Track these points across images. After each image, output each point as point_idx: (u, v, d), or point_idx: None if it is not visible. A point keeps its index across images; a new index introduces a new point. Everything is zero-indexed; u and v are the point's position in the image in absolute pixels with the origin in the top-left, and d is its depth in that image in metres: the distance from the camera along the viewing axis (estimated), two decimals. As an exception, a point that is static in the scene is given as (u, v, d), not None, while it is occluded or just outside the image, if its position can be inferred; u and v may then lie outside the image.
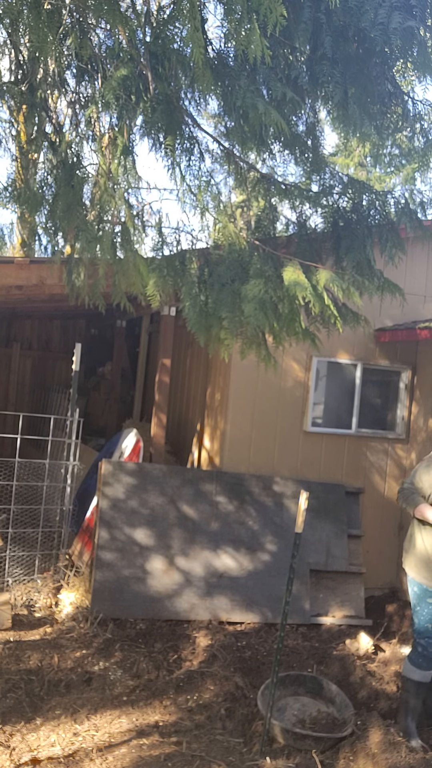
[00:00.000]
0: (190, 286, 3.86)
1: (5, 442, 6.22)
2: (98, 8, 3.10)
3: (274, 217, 4.67)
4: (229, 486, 5.58)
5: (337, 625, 5.42)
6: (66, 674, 4.14)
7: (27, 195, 3.97)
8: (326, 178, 4.52)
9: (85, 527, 6.16)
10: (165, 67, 3.39)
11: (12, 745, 3.40)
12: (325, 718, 3.80)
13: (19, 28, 3.34)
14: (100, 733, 3.59)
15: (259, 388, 6.07)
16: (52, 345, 10.70)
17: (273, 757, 3.46)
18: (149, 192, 17.20)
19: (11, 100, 3.88)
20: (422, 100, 4.11)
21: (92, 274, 4.28)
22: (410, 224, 4.46)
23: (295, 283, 3.57)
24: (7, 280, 5.45)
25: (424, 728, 3.90)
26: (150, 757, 3.40)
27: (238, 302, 3.73)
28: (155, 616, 5.06)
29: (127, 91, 3.34)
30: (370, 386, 6.48)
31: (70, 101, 3.89)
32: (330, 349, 6.16)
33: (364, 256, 4.32)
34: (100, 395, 9.80)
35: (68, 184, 3.74)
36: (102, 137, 3.68)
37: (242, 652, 4.77)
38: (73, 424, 5.74)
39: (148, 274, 3.82)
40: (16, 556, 5.52)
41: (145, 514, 5.29)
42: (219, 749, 3.54)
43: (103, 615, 4.89)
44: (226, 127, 4.05)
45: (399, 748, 3.48)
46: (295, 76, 3.62)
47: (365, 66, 3.62)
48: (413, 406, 6.46)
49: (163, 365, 6.17)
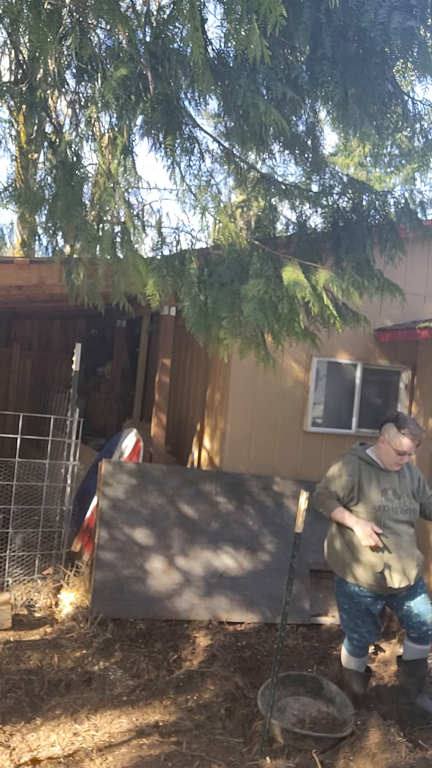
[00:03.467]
0: (189, 286, 3.86)
1: (5, 442, 6.22)
2: (98, 8, 3.10)
3: (274, 217, 4.67)
4: (229, 486, 5.58)
5: (337, 625, 5.42)
6: (66, 674, 4.14)
7: (27, 195, 3.97)
8: (326, 178, 4.52)
9: (85, 527, 6.16)
10: (165, 67, 3.39)
11: (12, 745, 3.40)
12: (325, 718, 3.80)
13: (19, 28, 3.34)
14: (100, 733, 3.59)
15: (259, 388, 6.07)
16: (52, 345, 10.70)
17: (273, 757, 3.46)
18: (149, 192, 17.23)
19: (11, 100, 3.87)
20: (422, 100, 4.11)
21: (92, 274, 4.28)
22: (410, 224, 4.45)
23: (294, 283, 3.57)
24: (7, 280, 5.45)
25: (416, 728, 3.89)
26: (150, 757, 3.40)
27: (237, 302, 3.73)
28: (155, 616, 5.06)
29: (126, 91, 3.34)
30: (370, 386, 6.48)
31: (69, 101, 3.88)
32: (330, 349, 6.16)
33: (363, 256, 4.33)
34: (100, 395, 9.80)
35: (68, 184, 3.74)
36: (102, 137, 3.68)
37: (242, 652, 4.77)
38: (73, 424, 5.74)
39: (148, 274, 3.82)
40: (16, 556, 5.52)
41: (145, 514, 5.29)
42: (219, 749, 3.54)
43: (103, 615, 4.89)
44: (226, 127, 4.05)
45: (399, 748, 3.48)
46: (295, 76, 3.62)
47: (365, 66, 3.62)
48: (413, 406, 6.45)
49: (163, 365, 6.17)
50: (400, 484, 3.92)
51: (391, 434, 3.83)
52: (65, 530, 5.70)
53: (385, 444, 3.86)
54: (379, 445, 3.92)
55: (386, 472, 3.90)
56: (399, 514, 3.86)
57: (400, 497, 3.89)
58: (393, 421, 3.84)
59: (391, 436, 3.83)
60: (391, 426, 3.83)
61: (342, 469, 3.91)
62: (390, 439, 3.83)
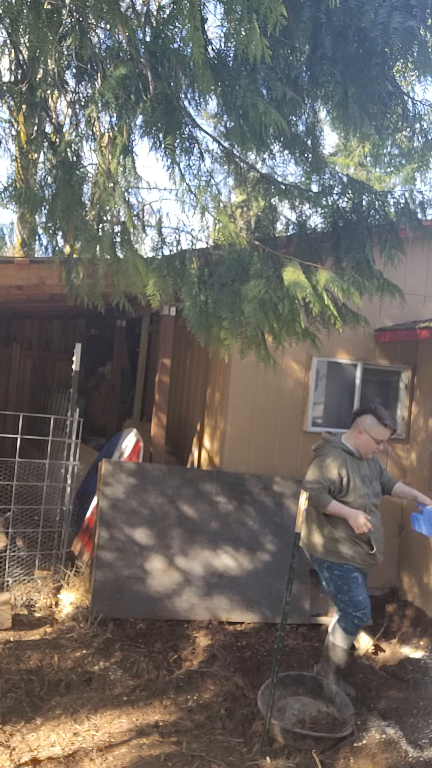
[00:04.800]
0: (190, 286, 3.86)
1: (5, 442, 6.21)
2: (98, 8, 3.10)
3: (274, 217, 4.67)
4: (229, 486, 5.58)
5: (337, 625, 5.42)
6: (66, 674, 4.14)
7: (27, 195, 3.97)
8: (326, 178, 4.52)
9: (85, 527, 6.16)
10: (165, 67, 3.39)
11: (12, 745, 3.40)
12: (325, 718, 3.80)
13: (19, 28, 3.33)
14: (100, 733, 3.59)
15: (259, 388, 6.07)
16: (52, 345, 10.70)
17: (273, 757, 3.46)
18: (149, 192, 17.23)
19: (11, 100, 3.87)
20: (422, 100, 4.12)
21: (92, 273, 4.28)
22: (410, 224, 4.46)
23: (295, 284, 3.57)
24: (7, 280, 5.44)
25: (417, 727, 3.89)
26: (150, 757, 3.40)
27: (238, 302, 3.73)
28: (155, 616, 5.06)
29: (126, 91, 3.34)
30: (370, 386, 6.48)
31: (69, 101, 3.88)
32: (330, 349, 6.16)
33: (363, 257, 4.33)
34: (100, 395, 9.79)
35: (68, 183, 3.74)
36: (102, 137, 3.68)
37: (242, 652, 4.77)
38: (73, 424, 5.74)
39: (148, 274, 3.82)
40: (16, 556, 5.52)
41: (145, 514, 5.29)
42: (219, 749, 3.54)
43: (103, 615, 4.89)
44: (226, 127, 4.05)
45: (399, 748, 3.48)
46: (295, 76, 3.62)
47: (365, 66, 3.62)
48: (413, 406, 6.46)
49: (163, 365, 6.17)
50: (370, 471, 4.29)
51: (369, 425, 4.16)
52: (65, 530, 5.70)
53: (364, 434, 4.17)
54: (357, 435, 4.20)
55: (361, 460, 4.22)
56: (374, 499, 4.24)
57: (372, 483, 4.25)
58: (372, 413, 4.17)
59: (369, 427, 4.16)
60: (371, 417, 4.17)
61: (332, 462, 4.10)
62: (370, 430, 4.15)
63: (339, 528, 4.10)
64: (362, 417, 4.21)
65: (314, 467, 4.16)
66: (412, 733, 3.79)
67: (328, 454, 4.15)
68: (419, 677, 4.59)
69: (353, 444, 4.22)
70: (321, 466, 4.11)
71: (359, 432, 4.19)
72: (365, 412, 4.22)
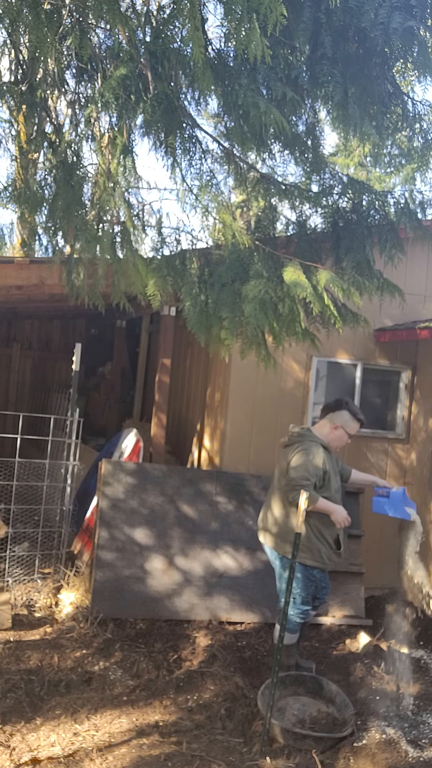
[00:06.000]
0: (190, 286, 3.86)
1: (5, 442, 6.21)
2: (98, 8, 3.10)
3: (274, 217, 4.67)
4: (229, 486, 5.58)
5: (337, 625, 5.42)
6: (66, 674, 4.14)
7: (27, 195, 3.97)
8: (326, 178, 4.52)
9: (85, 527, 6.16)
10: (165, 67, 3.39)
11: (12, 745, 3.40)
12: (325, 718, 3.80)
13: (19, 28, 3.33)
14: (100, 733, 3.59)
15: (259, 388, 6.07)
16: (52, 345, 10.69)
17: (273, 757, 3.46)
18: (149, 192, 17.23)
19: (11, 100, 3.87)
20: (422, 100, 4.12)
21: (92, 274, 4.28)
22: (410, 224, 4.46)
23: (295, 284, 3.57)
24: (7, 280, 5.44)
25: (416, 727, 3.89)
26: (150, 757, 3.40)
27: (238, 302, 3.73)
28: (155, 616, 5.06)
29: (126, 91, 3.34)
30: (370, 386, 6.48)
31: (69, 101, 3.88)
32: (330, 349, 6.16)
33: (363, 257, 4.33)
34: (100, 395, 9.79)
35: (68, 183, 3.74)
36: (102, 137, 3.68)
37: (242, 651, 4.77)
38: (73, 424, 5.74)
39: (148, 274, 3.82)
40: (16, 556, 5.52)
41: (144, 514, 5.29)
42: (219, 749, 3.54)
43: (103, 615, 4.89)
44: (226, 127, 4.05)
45: (399, 748, 3.48)
46: (295, 76, 3.62)
47: (365, 66, 3.62)
48: (413, 406, 6.46)
49: (163, 365, 6.17)
50: (336, 464, 4.36)
51: (345, 420, 4.26)
52: (65, 530, 5.70)
53: (339, 429, 4.26)
54: (332, 430, 4.28)
55: (330, 454, 4.29)
56: (340, 491, 4.33)
57: (337, 475, 4.32)
58: (345, 408, 4.28)
59: (345, 422, 4.26)
60: (345, 413, 4.27)
61: (317, 457, 4.14)
62: (344, 425, 4.25)
63: (315, 527, 4.14)
64: (339, 413, 4.29)
65: (300, 463, 4.09)
66: (412, 733, 3.79)
67: (310, 448, 4.13)
68: (419, 677, 4.60)
69: (325, 438, 4.28)
70: (307, 461, 4.08)
71: (335, 427, 4.27)
72: (339, 407, 4.30)
